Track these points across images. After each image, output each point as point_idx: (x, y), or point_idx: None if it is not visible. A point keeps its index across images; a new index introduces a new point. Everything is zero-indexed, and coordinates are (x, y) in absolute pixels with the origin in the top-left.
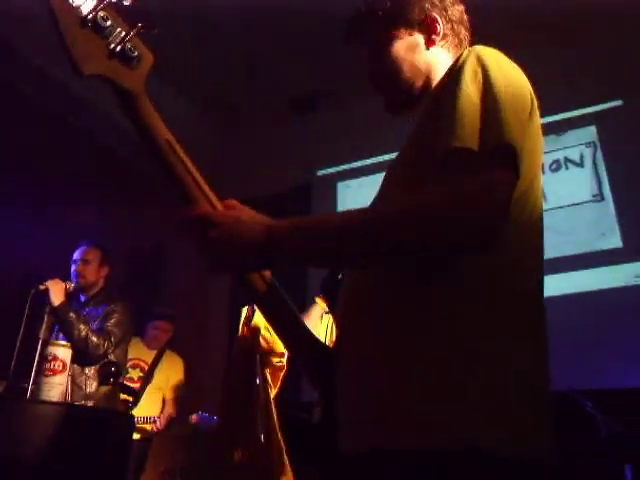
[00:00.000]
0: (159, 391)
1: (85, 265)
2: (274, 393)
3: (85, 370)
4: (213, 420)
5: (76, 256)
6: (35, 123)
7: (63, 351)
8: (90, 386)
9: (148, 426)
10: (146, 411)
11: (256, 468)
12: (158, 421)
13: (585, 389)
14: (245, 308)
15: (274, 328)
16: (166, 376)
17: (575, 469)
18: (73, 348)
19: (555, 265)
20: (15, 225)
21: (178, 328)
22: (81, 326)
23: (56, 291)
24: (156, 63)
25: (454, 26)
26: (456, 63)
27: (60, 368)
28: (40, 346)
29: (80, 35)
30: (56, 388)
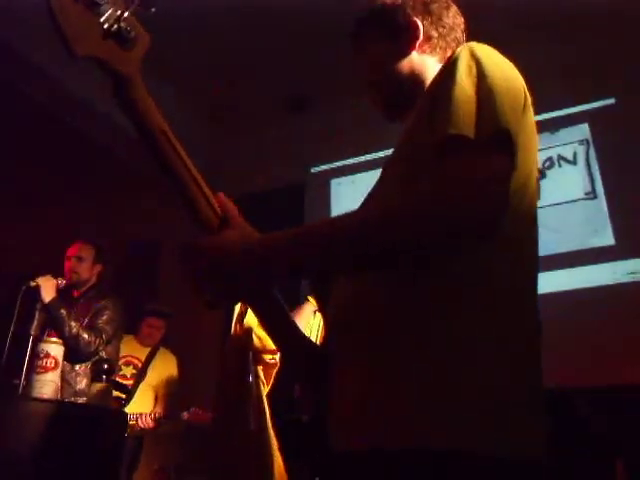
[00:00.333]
0: (152, 388)
1: (79, 262)
2: (267, 390)
3: (75, 367)
4: (206, 417)
5: (70, 253)
6: (25, 117)
7: (55, 348)
8: (80, 383)
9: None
10: (139, 408)
11: (249, 465)
12: (141, 417)
13: (576, 387)
14: (238, 305)
15: (264, 326)
16: (159, 373)
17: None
18: (65, 345)
19: (547, 263)
20: (6, 223)
21: (172, 325)
22: (72, 323)
23: (47, 288)
24: (148, 59)
25: (441, 29)
26: (450, 59)
27: (52, 365)
28: (31, 343)
29: (73, 11)
30: (48, 385)
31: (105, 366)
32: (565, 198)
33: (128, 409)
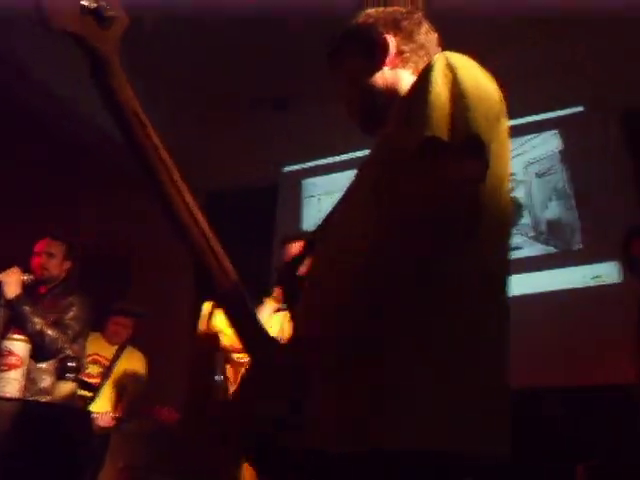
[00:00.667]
0: (118, 387)
1: (49, 258)
2: (234, 389)
3: (40, 364)
4: (173, 415)
5: (38, 248)
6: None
7: (19, 345)
8: (44, 381)
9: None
10: (104, 407)
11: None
12: (101, 416)
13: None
14: (206, 304)
15: (232, 326)
16: (126, 372)
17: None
18: (31, 342)
19: (519, 265)
20: None
21: (142, 325)
22: (36, 319)
23: (10, 283)
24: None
25: (412, 45)
26: (426, 67)
27: (17, 363)
28: None
29: None
30: (11, 384)
31: (71, 364)
32: (537, 203)
33: (93, 407)
